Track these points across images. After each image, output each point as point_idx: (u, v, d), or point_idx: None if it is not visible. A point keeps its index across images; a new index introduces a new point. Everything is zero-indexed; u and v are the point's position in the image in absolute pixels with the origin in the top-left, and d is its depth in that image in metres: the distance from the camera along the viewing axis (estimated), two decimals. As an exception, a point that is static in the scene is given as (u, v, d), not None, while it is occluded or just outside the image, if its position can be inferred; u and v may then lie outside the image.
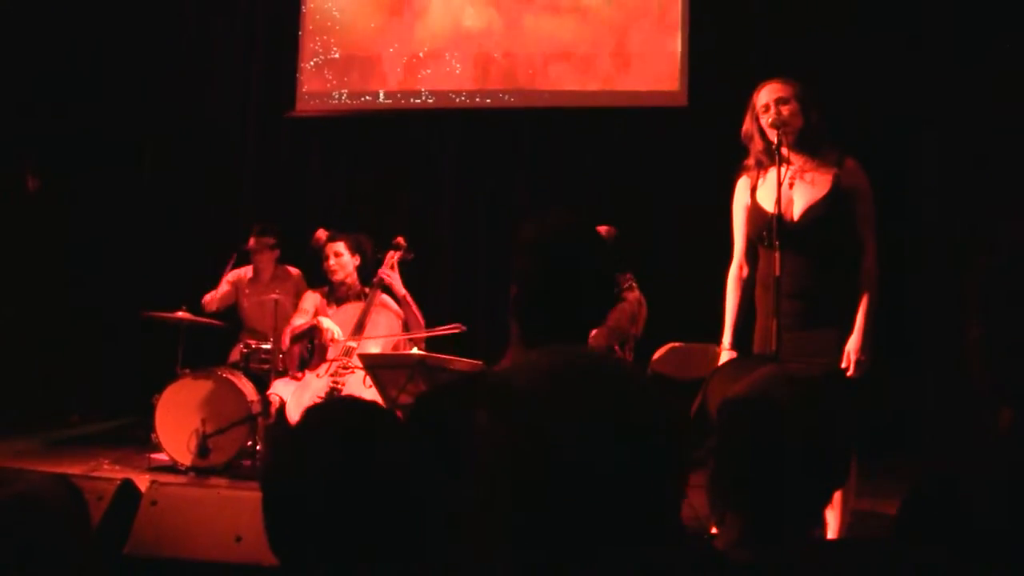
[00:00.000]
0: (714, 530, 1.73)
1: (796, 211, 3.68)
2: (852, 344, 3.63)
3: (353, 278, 5.90)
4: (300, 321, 5.84)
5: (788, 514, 1.62)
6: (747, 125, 3.82)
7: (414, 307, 5.79)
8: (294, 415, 5.27)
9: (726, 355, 3.87)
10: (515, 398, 1.09)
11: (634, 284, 5.60)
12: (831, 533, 3.61)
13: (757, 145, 3.79)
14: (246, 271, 6.56)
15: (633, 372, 1.14)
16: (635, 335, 5.53)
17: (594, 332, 5.29)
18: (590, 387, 1.09)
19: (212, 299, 6.38)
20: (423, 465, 1.42)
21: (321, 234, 5.95)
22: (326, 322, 5.70)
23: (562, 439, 1.05)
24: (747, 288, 3.93)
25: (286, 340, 5.83)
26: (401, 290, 5.78)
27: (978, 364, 1.74)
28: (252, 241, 6.40)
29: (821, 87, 4.03)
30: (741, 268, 3.94)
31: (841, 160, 3.74)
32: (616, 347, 5.41)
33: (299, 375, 5.73)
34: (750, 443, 1.61)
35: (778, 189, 3.61)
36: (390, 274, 5.77)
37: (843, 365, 3.60)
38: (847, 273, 3.71)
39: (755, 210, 3.81)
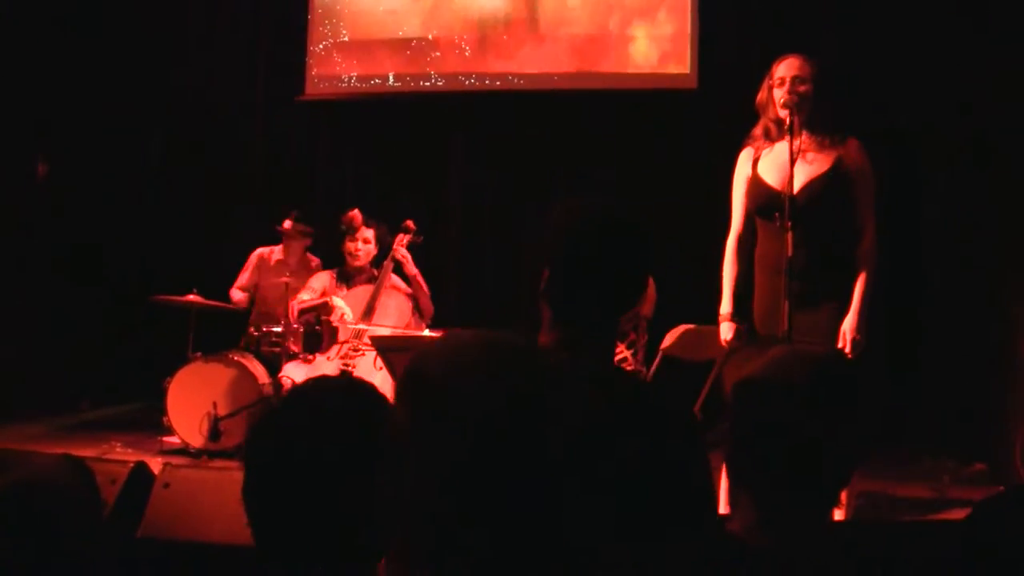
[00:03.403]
0: (722, 510, 1.72)
1: (796, 187, 3.66)
2: (848, 324, 3.63)
3: (367, 263, 5.96)
4: (307, 296, 5.88)
5: (805, 496, 1.60)
6: (762, 94, 3.83)
7: (424, 286, 5.84)
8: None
9: (727, 326, 3.88)
10: (427, 386, 1.08)
11: None
12: (837, 516, 3.61)
13: (770, 115, 3.79)
14: (272, 251, 6.53)
15: (545, 359, 1.14)
16: (645, 316, 5.52)
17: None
18: (500, 372, 1.07)
19: (243, 298, 6.42)
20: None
21: (357, 215, 5.94)
22: (338, 301, 5.73)
23: (475, 428, 1.03)
24: (745, 259, 3.92)
25: (293, 313, 5.85)
26: (412, 269, 5.81)
27: None
28: (288, 224, 6.30)
29: (833, 69, 4.03)
30: (739, 240, 3.94)
31: (844, 140, 3.74)
32: (631, 331, 5.41)
33: (310, 357, 5.75)
34: (766, 423, 1.60)
35: (791, 168, 3.59)
36: (404, 252, 5.79)
37: (839, 345, 3.59)
38: (844, 254, 3.70)
39: (755, 182, 3.81)
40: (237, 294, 6.47)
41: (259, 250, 6.56)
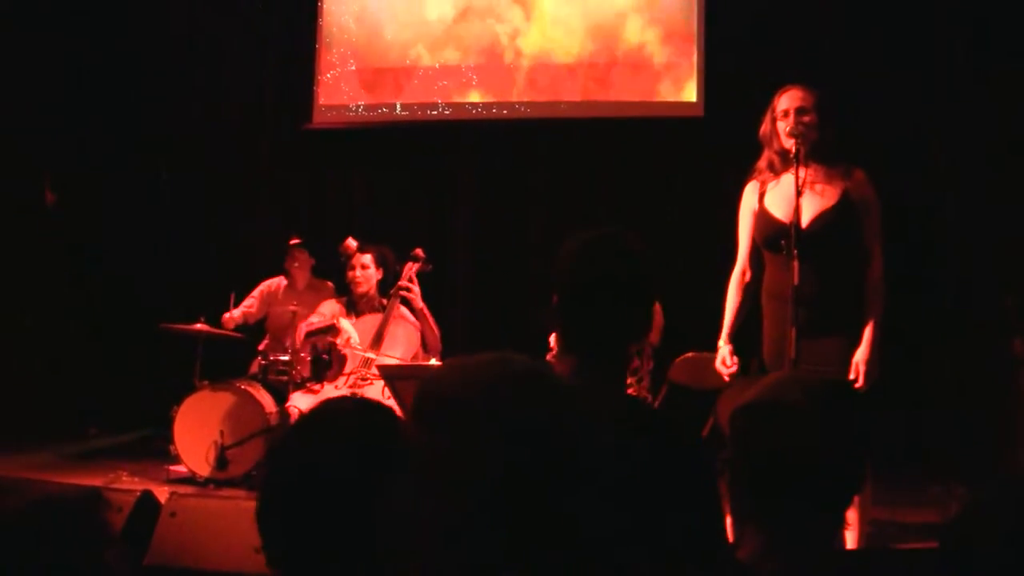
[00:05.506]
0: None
1: (805, 219, 3.67)
2: (860, 355, 3.62)
3: (374, 290, 5.93)
4: (316, 320, 5.88)
5: (808, 520, 1.60)
6: (765, 127, 3.84)
7: (431, 320, 5.81)
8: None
9: (724, 349, 3.87)
10: (440, 406, 1.09)
11: None
12: (850, 543, 3.60)
13: (774, 147, 3.80)
14: (278, 282, 6.58)
15: (560, 383, 1.16)
16: (652, 344, 5.52)
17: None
18: (512, 398, 1.08)
19: (230, 318, 6.35)
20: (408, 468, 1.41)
21: (351, 243, 5.95)
22: (345, 323, 5.72)
23: (485, 450, 1.05)
24: (749, 293, 3.94)
25: (300, 335, 5.85)
26: (419, 303, 5.79)
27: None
28: (291, 251, 6.45)
29: (838, 99, 4.05)
30: (744, 273, 3.96)
31: (850, 171, 3.76)
32: (635, 356, 5.40)
33: (317, 386, 5.74)
34: (764, 448, 1.60)
35: (796, 199, 3.61)
36: (410, 286, 5.78)
37: (851, 376, 3.58)
38: (853, 284, 3.72)
39: (762, 215, 3.82)
40: (229, 318, 6.36)
41: (266, 282, 6.58)
